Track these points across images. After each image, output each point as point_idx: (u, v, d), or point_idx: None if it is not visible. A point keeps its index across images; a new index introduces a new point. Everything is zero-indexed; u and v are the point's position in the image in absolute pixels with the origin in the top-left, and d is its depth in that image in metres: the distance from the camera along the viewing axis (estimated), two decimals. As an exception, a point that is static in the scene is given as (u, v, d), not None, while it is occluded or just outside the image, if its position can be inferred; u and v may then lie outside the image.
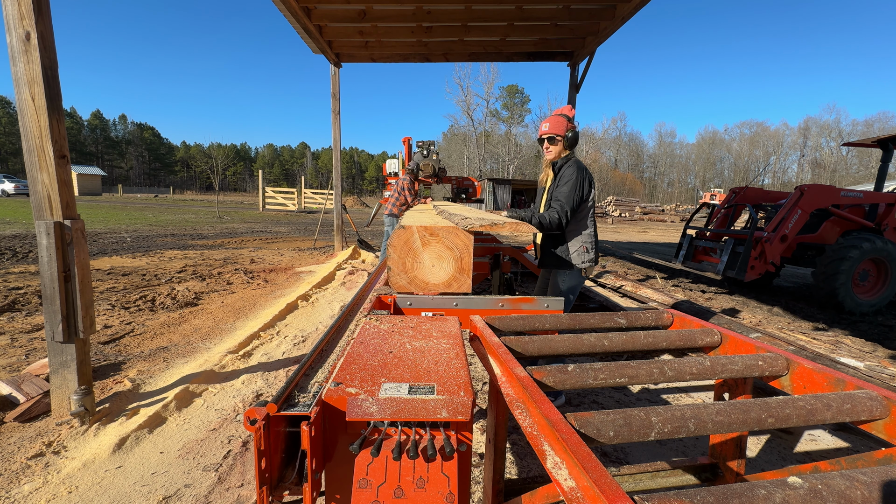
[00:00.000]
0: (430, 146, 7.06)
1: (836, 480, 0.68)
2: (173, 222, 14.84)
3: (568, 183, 2.38)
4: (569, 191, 2.37)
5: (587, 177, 2.42)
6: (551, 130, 2.45)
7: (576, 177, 2.38)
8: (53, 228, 2.13)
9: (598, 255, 2.57)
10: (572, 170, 2.41)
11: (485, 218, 2.03)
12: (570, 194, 2.36)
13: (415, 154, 7.13)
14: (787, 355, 1.22)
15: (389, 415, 0.90)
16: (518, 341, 1.33)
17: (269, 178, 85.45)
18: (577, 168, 2.41)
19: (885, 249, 5.36)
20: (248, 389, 2.75)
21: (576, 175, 2.38)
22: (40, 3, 2.08)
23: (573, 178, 2.38)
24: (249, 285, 5.70)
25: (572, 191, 2.37)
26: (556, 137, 2.46)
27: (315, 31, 6.50)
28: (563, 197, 2.37)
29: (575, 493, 0.70)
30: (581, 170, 2.40)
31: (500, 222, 1.88)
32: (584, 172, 2.41)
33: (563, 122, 2.45)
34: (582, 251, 2.50)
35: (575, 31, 6.60)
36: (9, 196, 26.55)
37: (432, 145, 7.11)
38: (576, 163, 2.44)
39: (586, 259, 2.51)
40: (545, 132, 2.46)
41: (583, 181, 2.39)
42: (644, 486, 1.56)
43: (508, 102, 56.21)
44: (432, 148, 7.11)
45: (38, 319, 3.83)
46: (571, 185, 2.37)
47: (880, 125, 56.68)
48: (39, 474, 1.88)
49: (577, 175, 2.38)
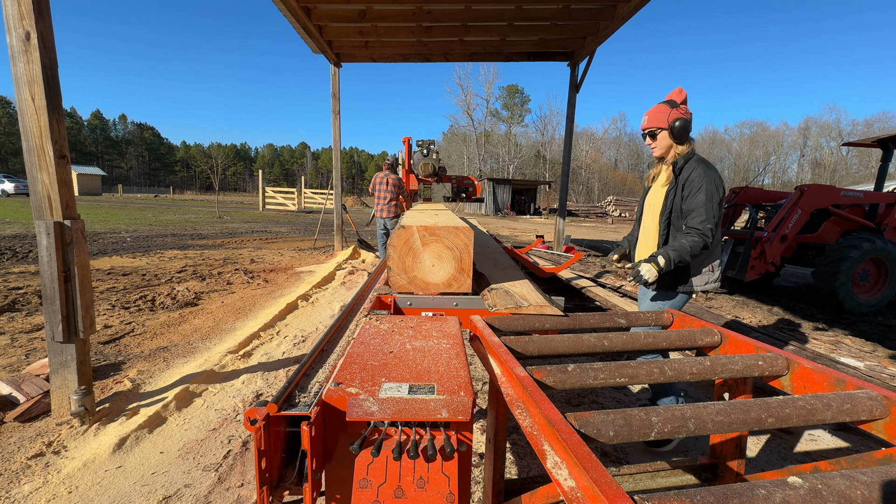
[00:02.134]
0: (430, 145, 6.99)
1: (836, 480, 0.68)
2: (173, 222, 14.84)
3: (701, 191, 1.92)
4: (706, 200, 1.90)
5: (719, 179, 1.95)
6: (651, 124, 2.04)
7: (707, 183, 1.92)
8: (53, 228, 2.13)
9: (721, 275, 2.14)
10: (701, 174, 1.94)
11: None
12: (709, 205, 1.90)
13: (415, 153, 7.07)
14: (787, 355, 1.22)
15: (390, 415, 0.90)
16: (518, 341, 1.33)
17: (269, 178, 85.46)
18: (707, 171, 1.95)
19: (885, 249, 5.36)
20: (248, 389, 2.75)
21: (706, 180, 1.92)
22: (40, 3, 2.08)
23: (704, 184, 1.91)
24: (249, 285, 5.70)
25: (710, 201, 1.90)
26: (656, 131, 2.04)
27: (315, 31, 6.50)
28: (703, 211, 1.90)
29: (575, 493, 0.70)
30: (710, 171, 1.95)
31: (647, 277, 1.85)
32: (714, 173, 1.95)
33: (663, 111, 2.01)
34: (708, 271, 2.06)
35: (575, 31, 6.60)
36: (9, 196, 26.54)
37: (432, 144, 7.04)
38: (702, 164, 1.98)
39: (711, 280, 2.06)
40: (644, 126, 2.08)
41: (717, 186, 1.93)
42: (644, 486, 1.56)
43: (508, 102, 56.23)
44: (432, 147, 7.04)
45: (38, 319, 3.83)
46: (707, 193, 1.91)
47: (880, 125, 56.69)
48: (39, 474, 1.88)
49: (709, 180, 1.92)
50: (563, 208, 8.15)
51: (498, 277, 2.24)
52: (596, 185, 59.44)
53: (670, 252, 1.89)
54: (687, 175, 1.98)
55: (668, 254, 1.89)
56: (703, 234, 1.89)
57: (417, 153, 7.02)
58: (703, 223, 1.90)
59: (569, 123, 7.59)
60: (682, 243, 1.90)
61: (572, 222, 25.70)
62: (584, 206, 35.49)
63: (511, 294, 1.93)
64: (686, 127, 1.97)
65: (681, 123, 1.97)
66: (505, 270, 2.48)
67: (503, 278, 2.24)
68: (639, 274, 1.89)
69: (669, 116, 2.00)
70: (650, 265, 1.88)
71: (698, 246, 1.89)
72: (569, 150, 7.79)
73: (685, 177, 1.98)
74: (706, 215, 1.90)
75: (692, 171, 1.97)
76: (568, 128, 7.61)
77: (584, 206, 35.49)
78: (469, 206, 30.95)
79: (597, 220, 28.39)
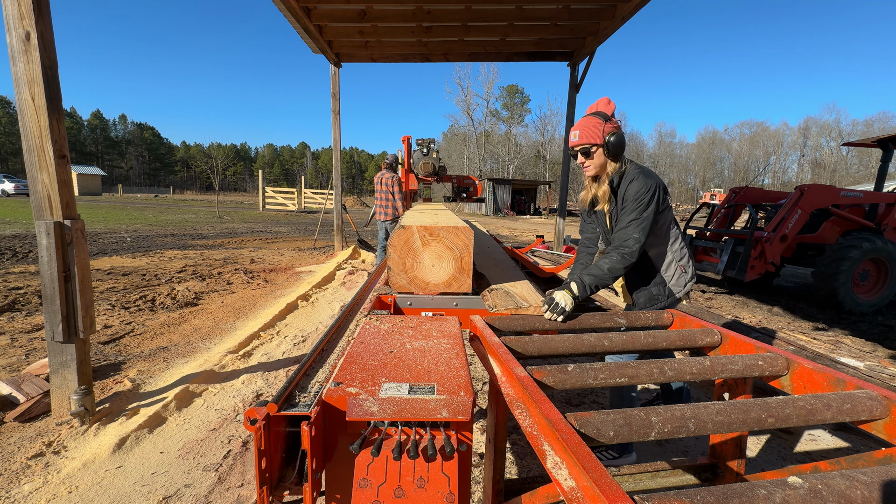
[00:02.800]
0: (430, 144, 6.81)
1: (836, 480, 0.68)
2: (173, 222, 14.84)
3: (635, 206, 1.79)
4: (637, 214, 1.78)
5: (656, 185, 1.81)
6: (584, 140, 1.83)
7: (645, 195, 1.78)
8: (53, 228, 2.13)
9: (695, 270, 2.03)
10: (636, 187, 1.80)
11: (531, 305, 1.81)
12: (640, 219, 1.77)
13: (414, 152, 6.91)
14: (787, 355, 1.22)
15: (390, 415, 0.90)
16: (518, 341, 1.33)
17: (269, 178, 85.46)
18: (643, 182, 1.80)
19: (885, 249, 5.36)
20: (248, 389, 2.75)
21: (643, 191, 1.78)
22: (40, 3, 2.08)
23: (640, 197, 1.78)
24: (249, 285, 5.70)
25: (640, 213, 1.78)
26: (590, 148, 1.83)
27: (315, 31, 6.50)
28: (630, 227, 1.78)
29: (575, 493, 0.70)
30: (646, 179, 1.81)
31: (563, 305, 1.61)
32: (651, 180, 1.81)
33: (597, 125, 1.81)
34: (679, 272, 1.95)
35: (575, 31, 6.60)
36: (9, 196, 26.54)
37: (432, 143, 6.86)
38: (639, 175, 1.82)
39: (686, 280, 1.96)
40: (575, 143, 1.87)
41: (652, 194, 1.79)
42: (644, 486, 1.56)
43: (508, 102, 56.24)
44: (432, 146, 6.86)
45: (38, 319, 3.83)
46: (641, 207, 1.78)
47: (880, 125, 56.69)
48: (39, 474, 1.88)
49: (644, 190, 1.78)
50: (563, 208, 8.15)
51: (498, 278, 2.23)
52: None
53: (585, 277, 1.74)
54: (623, 190, 1.84)
55: (584, 279, 1.73)
56: (624, 252, 1.76)
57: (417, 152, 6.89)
58: (625, 239, 1.77)
59: (569, 123, 7.59)
60: (600, 266, 1.78)
61: (572, 222, 25.69)
62: (584, 206, 35.43)
63: (511, 294, 1.92)
64: (621, 142, 1.79)
65: (615, 138, 1.78)
66: (505, 271, 2.48)
67: (503, 279, 2.23)
68: (554, 303, 1.64)
69: (604, 131, 1.79)
70: (564, 292, 1.68)
71: (619, 268, 1.76)
72: (569, 151, 7.79)
73: (622, 192, 1.85)
74: (632, 230, 1.77)
75: (628, 184, 1.83)
76: (568, 128, 7.61)
77: (584, 206, 35.43)
78: (469, 206, 30.94)
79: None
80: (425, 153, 6.76)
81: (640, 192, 1.78)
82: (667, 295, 1.94)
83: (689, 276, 1.98)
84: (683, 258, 1.98)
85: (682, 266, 1.97)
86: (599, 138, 1.80)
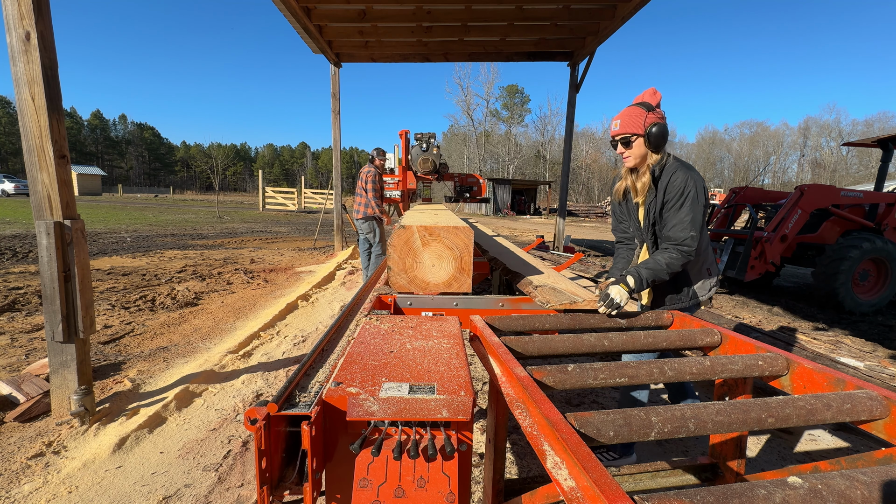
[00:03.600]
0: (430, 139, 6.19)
1: (836, 480, 0.68)
2: (173, 222, 14.84)
3: (681, 199, 1.72)
4: (689, 209, 1.71)
5: (701, 182, 1.76)
6: (624, 129, 1.78)
7: (687, 188, 1.72)
8: (53, 228, 2.13)
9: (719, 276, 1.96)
10: (681, 179, 1.73)
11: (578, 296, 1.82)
12: (691, 215, 1.71)
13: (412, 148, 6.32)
14: (787, 355, 1.22)
15: (390, 414, 0.90)
16: (518, 341, 1.33)
17: (269, 178, 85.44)
18: (687, 175, 1.74)
19: (885, 249, 5.36)
20: (248, 389, 2.75)
21: (687, 185, 1.72)
22: (40, 3, 2.08)
23: (685, 190, 1.72)
24: (249, 285, 5.70)
25: (692, 209, 1.71)
26: (630, 138, 1.78)
27: (315, 31, 6.50)
28: (685, 223, 1.71)
29: (575, 493, 0.70)
30: (691, 174, 1.75)
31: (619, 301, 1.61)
32: (695, 175, 1.76)
33: (639, 115, 1.77)
34: (705, 275, 1.88)
35: (575, 31, 6.61)
36: (9, 196, 26.54)
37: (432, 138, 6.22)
38: (682, 168, 1.76)
39: (711, 285, 1.89)
40: (615, 132, 1.82)
41: (699, 190, 1.73)
42: (644, 486, 1.56)
43: (508, 102, 56.24)
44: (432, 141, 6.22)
45: (38, 319, 3.83)
46: (689, 201, 1.71)
47: (880, 125, 56.69)
48: (39, 474, 1.89)
49: (692, 184, 1.72)
50: (563, 208, 8.15)
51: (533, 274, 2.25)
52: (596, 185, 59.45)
53: (642, 271, 1.71)
54: (666, 182, 1.77)
55: (640, 273, 1.70)
56: (683, 250, 1.71)
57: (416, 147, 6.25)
58: (684, 237, 1.71)
59: (569, 123, 7.59)
60: (657, 261, 1.72)
61: (572, 222, 25.70)
62: (584, 206, 35.51)
63: (559, 290, 1.91)
64: (663, 133, 1.75)
65: (658, 129, 1.74)
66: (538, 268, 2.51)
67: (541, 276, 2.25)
68: (609, 298, 1.64)
69: (646, 121, 1.75)
70: (619, 287, 1.67)
71: (677, 263, 1.71)
72: (569, 150, 7.79)
73: (664, 184, 1.78)
74: (689, 227, 1.70)
75: (670, 176, 1.76)
76: (568, 128, 7.61)
77: (584, 206, 35.51)
78: (469, 206, 30.95)
79: (597, 221, 28.39)
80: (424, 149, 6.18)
81: (688, 186, 1.71)
82: (689, 297, 1.87)
83: (713, 281, 1.90)
84: (708, 260, 1.89)
85: (709, 269, 1.89)
86: (640, 128, 1.76)
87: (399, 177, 6.29)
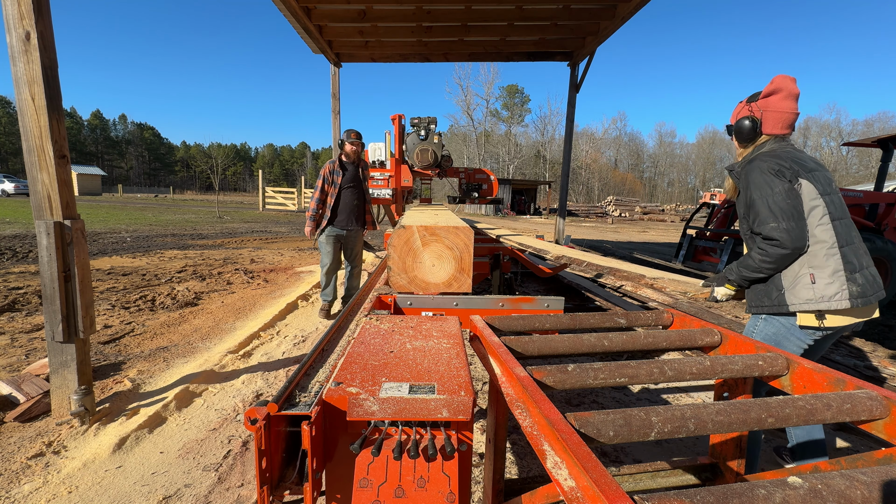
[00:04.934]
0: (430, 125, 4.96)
1: (836, 480, 0.68)
2: (173, 222, 14.84)
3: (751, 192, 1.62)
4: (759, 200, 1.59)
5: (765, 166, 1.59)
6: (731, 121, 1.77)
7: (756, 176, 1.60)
8: (53, 228, 2.13)
9: (859, 287, 1.54)
10: (747, 172, 1.64)
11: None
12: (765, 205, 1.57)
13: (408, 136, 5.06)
14: (787, 355, 1.22)
15: (390, 414, 0.90)
16: (518, 341, 1.33)
17: (269, 178, 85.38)
18: (750, 166, 1.64)
19: (885, 249, 5.36)
20: (249, 389, 2.75)
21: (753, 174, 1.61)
22: (40, 3, 2.08)
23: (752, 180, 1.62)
24: (249, 285, 5.70)
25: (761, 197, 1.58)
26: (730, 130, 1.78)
27: (315, 30, 6.50)
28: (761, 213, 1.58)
29: (575, 493, 0.70)
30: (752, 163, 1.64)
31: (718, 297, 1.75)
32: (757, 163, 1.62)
33: (737, 108, 1.74)
34: (806, 281, 1.56)
35: (575, 31, 6.60)
36: (9, 196, 26.54)
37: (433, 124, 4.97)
38: (754, 160, 1.65)
39: (817, 296, 1.54)
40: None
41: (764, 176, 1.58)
42: (644, 485, 1.56)
43: (508, 102, 56.25)
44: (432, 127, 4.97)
45: (38, 319, 3.83)
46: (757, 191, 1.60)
47: (880, 125, 56.70)
48: (39, 474, 1.89)
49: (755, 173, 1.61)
50: (563, 208, 8.15)
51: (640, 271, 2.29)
52: (596, 185, 59.46)
53: (735, 268, 1.68)
54: (739, 179, 1.70)
55: (735, 270, 1.68)
56: (768, 239, 1.56)
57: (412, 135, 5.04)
58: (762, 230, 1.57)
59: (569, 123, 7.59)
60: (750, 256, 1.64)
61: (572, 222, 25.70)
62: (585, 206, 35.50)
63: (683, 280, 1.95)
64: (741, 127, 1.70)
65: (738, 123, 1.70)
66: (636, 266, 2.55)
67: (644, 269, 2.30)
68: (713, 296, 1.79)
69: (739, 113, 1.73)
70: (724, 287, 1.76)
71: (767, 256, 1.56)
72: (569, 150, 7.79)
73: (741, 182, 1.69)
74: (767, 218, 1.56)
75: (743, 172, 1.68)
76: (568, 128, 7.61)
77: (585, 206, 35.50)
78: (468, 206, 30.94)
79: (597, 220, 28.39)
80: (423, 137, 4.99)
81: (751, 176, 1.62)
82: (775, 302, 1.62)
83: (818, 294, 1.53)
84: (822, 267, 1.55)
85: (813, 274, 1.55)
86: (732, 120, 1.76)
87: (391, 171, 4.98)
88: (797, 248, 1.53)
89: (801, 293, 1.56)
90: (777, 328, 1.65)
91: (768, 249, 1.57)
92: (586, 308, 4.05)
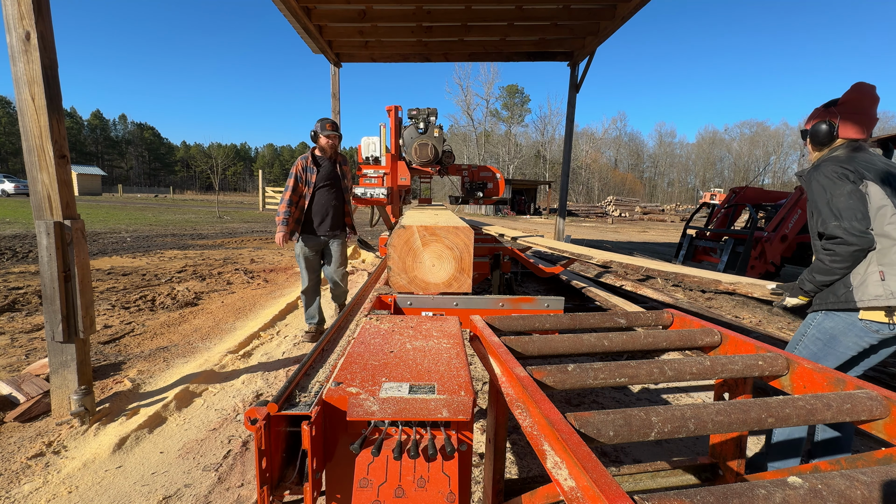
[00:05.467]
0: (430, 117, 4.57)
1: (836, 480, 0.68)
2: (173, 222, 14.84)
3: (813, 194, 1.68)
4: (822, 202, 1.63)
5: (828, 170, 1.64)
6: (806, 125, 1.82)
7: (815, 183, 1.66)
8: (53, 228, 2.13)
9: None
10: (809, 177, 1.71)
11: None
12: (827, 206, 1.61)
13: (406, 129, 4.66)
14: (787, 355, 1.22)
15: (390, 414, 0.90)
16: (518, 341, 1.33)
17: (269, 178, 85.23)
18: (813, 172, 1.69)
19: None
20: (249, 389, 2.75)
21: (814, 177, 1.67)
22: (40, 3, 2.08)
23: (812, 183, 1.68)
24: (249, 285, 5.70)
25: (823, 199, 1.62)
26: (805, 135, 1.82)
27: (315, 31, 6.50)
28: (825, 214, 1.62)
29: (575, 493, 0.70)
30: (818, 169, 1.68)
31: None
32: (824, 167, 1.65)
33: (814, 113, 1.78)
34: (874, 279, 1.56)
35: (575, 31, 6.60)
36: (9, 196, 26.53)
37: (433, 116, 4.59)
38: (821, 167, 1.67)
39: (887, 292, 1.53)
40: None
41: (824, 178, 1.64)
42: (644, 485, 1.56)
43: (508, 102, 56.21)
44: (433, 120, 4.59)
45: (38, 319, 3.83)
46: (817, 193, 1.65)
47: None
48: (39, 474, 1.89)
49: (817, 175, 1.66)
50: (563, 208, 8.15)
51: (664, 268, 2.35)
52: (596, 185, 59.48)
53: (808, 275, 1.70)
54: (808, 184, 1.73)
55: (808, 279, 1.69)
56: (833, 239, 1.58)
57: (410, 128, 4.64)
58: (827, 231, 1.60)
59: (569, 123, 7.59)
60: (815, 263, 1.68)
61: (572, 222, 25.70)
62: (585, 206, 35.49)
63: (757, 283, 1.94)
64: (815, 133, 1.74)
65: (826, 127, 1.71)
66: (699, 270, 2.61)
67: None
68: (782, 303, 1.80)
69: (816, 118, 1.77)
70: (796, 298, 1.77)
71: (835, 255, 1.58)
72: (569, 150, 7.79)
73: (806, 185, 1.75)
74: (829, 218, 1.59)
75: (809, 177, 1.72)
76: (568, 128, 7.61)
77: (585, 206, 35.49)
78: (468, 206, 30.93)
79: (597, 220, 28.39)
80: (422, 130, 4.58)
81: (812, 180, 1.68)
82: (842, 298, 1.62)
83: (889, 290, 1.53)
84: (892, 264, 1.55)
85: (882, 271, 1.55)
86: (808, 125, 1.80)
87: (386, 168, 4.49)
88: (862, 244, 1.54)
89: (870, 290, 1.56)
90: (836, 322, 1.66)
91: (834, 248, 1.59)
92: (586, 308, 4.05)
